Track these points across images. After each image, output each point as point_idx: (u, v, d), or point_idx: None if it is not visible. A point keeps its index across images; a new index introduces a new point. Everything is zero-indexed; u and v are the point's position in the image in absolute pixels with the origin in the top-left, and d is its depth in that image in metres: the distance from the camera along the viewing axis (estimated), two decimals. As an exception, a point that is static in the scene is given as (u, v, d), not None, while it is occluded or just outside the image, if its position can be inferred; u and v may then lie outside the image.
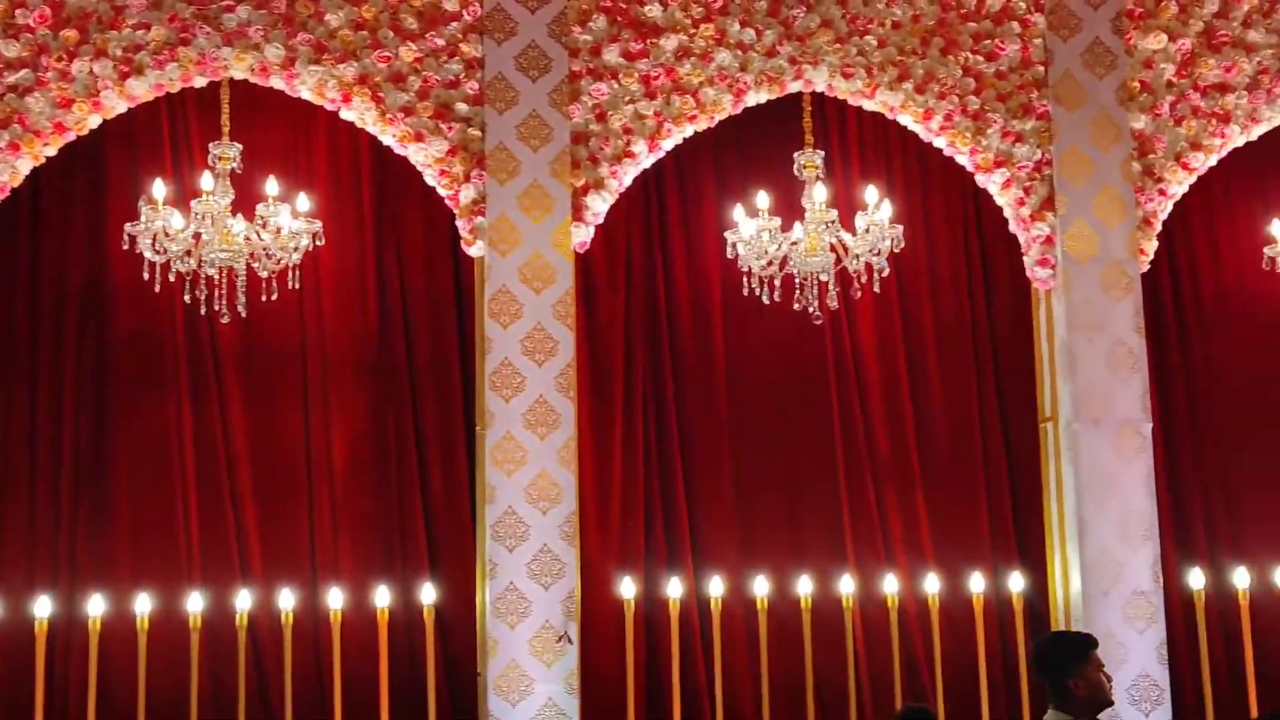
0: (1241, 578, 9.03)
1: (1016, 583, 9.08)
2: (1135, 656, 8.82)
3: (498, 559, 8.62)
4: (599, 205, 8.97)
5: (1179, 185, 9.32)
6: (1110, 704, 5.72)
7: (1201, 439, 9.93)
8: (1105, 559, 8.93)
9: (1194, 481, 9.86)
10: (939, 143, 9.30)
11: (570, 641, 8.58)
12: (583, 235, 8.96)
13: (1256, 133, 9.44)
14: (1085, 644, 5.86)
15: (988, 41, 9.23)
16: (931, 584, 9.04)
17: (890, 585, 8.97)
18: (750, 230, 8.73)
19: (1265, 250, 9.31)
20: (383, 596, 8.61)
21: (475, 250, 8.91)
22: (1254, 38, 9.37)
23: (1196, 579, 9.08)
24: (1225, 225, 10.06)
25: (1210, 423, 9.93)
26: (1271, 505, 9.75)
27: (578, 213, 8.93)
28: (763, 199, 8.75)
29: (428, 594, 8.71)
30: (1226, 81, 9.34)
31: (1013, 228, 9.30)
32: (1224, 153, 9.40)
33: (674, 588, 8.84)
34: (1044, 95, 9.26)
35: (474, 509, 8.96)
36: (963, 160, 9.29)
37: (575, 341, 8.91)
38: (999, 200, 9.30)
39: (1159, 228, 9.31)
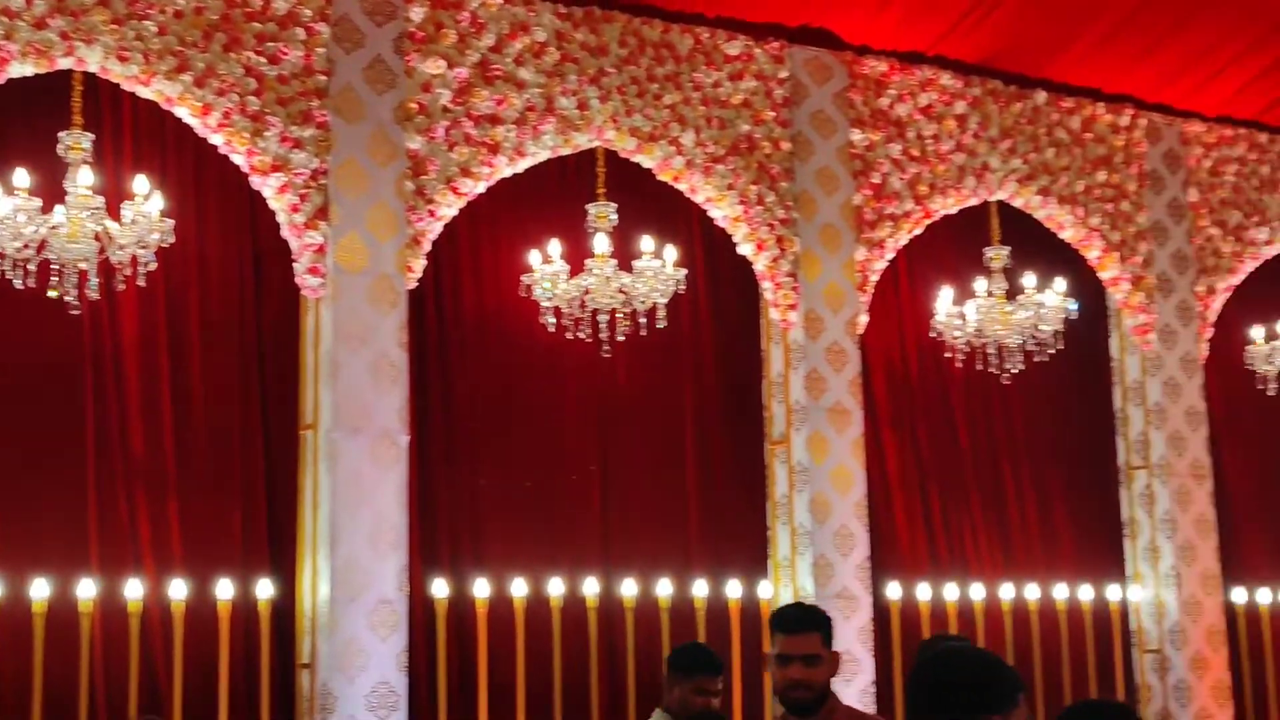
0: (481, 588, 9.46)
1: (265, 589, 9.03)
2: (376, 664, 8.97)
3: None
4: None
5: (449, 208, 9.63)
6: None
7: (454, 453, 10.27)
8: (355, 567, 9.05)
9: (444, 494, 10.16)
10: (216, 140, 9.10)
11: None
12: None
13: (522, 165, 9.91)
14: (693, 667, 6.74)
15: (271, 44, 9.15)
16: (178, 590, 8.81)
17: (134, 590, 8.67)
18: (6, 210, 8.19)
19: (523, 278, 9.83)
20: None
21: None
22: (525, 75, 9.87)
23: (439, 588, 9.42)
24: (490, 251, 10.49)
25: (463, 438, 10.31)
26: (509, 519, 10.27)
27: None
28: (22, 177, 8.25)
29: None
30: (497, 114, 9.76)
31: (285, 234, 9.26)
32: (492, 181, 9.81)
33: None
34: (325, 105, 9.29)
35: None
36: (239, 160, 9.15)
37: None
38: (274, 205, 9.22)
39: (428, 247, 9.56)
